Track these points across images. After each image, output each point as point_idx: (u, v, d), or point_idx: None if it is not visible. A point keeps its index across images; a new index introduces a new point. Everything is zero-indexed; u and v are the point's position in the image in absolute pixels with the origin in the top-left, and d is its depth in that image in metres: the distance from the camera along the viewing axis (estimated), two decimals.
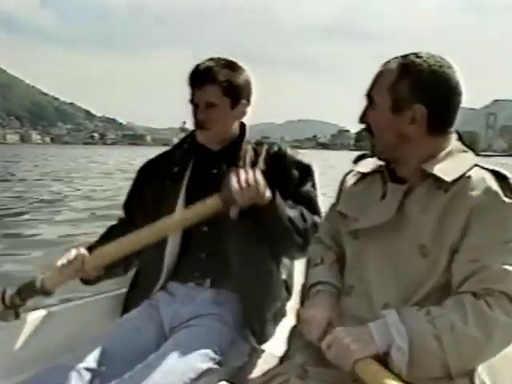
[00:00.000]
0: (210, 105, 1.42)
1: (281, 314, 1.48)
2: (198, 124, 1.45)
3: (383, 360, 0.95)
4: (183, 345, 1.22)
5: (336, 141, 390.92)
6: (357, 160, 1.30)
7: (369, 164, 1.22)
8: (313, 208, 1.43)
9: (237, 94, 1.44)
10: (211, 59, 1.44)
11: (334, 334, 1.01)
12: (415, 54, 1.06)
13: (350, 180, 1.25)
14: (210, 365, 1.22)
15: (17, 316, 1.33)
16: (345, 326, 1.07)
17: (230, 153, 1.47)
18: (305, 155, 1.52)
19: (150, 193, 1.51)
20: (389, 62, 1.08)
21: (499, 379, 1.12)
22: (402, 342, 0.94)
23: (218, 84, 1.40)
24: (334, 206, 1.31)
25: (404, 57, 1.07)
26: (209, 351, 1.23)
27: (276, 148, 1.49)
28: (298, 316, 1.17)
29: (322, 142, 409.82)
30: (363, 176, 1.22)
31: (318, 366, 1.04)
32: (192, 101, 1.44)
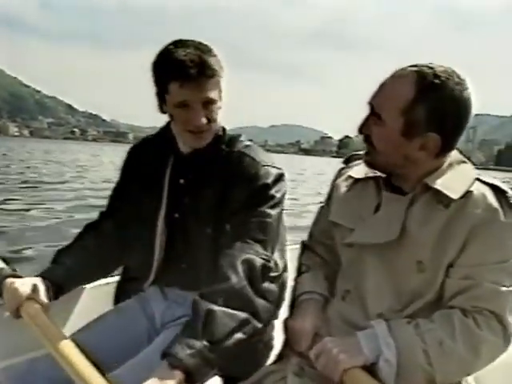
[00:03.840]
0: (210, 102, 1.19)
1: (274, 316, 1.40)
2: (197, 127, 1.20)
3: (371, 370, 0.96)
4: None
5: (318, 147, 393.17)
6: (347, 160, 1.26)
7: (361, 168, 1.16)
8: (261, 241, 1.16)
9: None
10: (189, 44, 1.17)
11: (322, 344, 1.01)
12: (432, 69, 0.97)
13: (342, 185, 1.20)
14: None
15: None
16: (336, 331, 1.08)
17: (197, 160, 1.29)
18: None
19: (134, 191, 1.38)
20: (401, 75, 0.99)
21: None
22: (390, 354, 0.95)
23: (216, 76, 1.18)
24: (323, 209, 1.27)
25: (420, 73, 0.96)
26: None
27: (239, 156, 1.25)
28: (286, 327, 1.16)
29: (305, 147, 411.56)
30: (355, 181, 1.17)
31: (313, 367, 1.04)
32: (178, 100, 1.17)
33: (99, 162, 30.58)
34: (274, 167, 1.24)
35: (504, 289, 0.97)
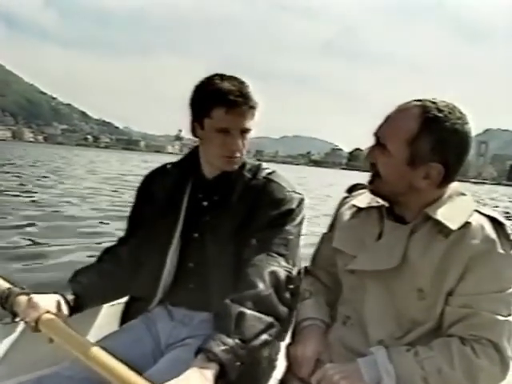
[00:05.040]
0: (247, 131, 1.32)
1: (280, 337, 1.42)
2: (234, 152, 1.31)
3: None
4: (179, 363, 1.18)
5: (328, 159, 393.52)
6: (350, 190, 1.30)
7: (365, 198, 1.21)
8: (284, 255, 1.25)
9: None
10: (232, 78, 1.30)
11: (323, 371, 1.04)
12: (434, 104, 1.03)
13: (346, 214, 1.24)
14: None
15: (13, 318, 1.29)
16: (337, 357, 1.10)
17: (223, 184, 1.38)
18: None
19: (149, 215, 1.45)
20: (406, 108, 1.04)
21: None
22: (390, 381, 0.97)
23: (255, 109, 1.31)
24: (326, 235, 1.31)
25: (424, 108, 1.02)
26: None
27: (266, 182, 1.36)
28: (288, 352, 1.19)
29: (315, 159, 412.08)
30: (358, 209, 1.21)
31: None
32: (221, 126, 1.27)
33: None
34: (296, 193, 1.36)
35: (501, 318, 0.99)
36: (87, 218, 8.53)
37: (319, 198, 16.54)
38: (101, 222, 8.06)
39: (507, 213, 17.10)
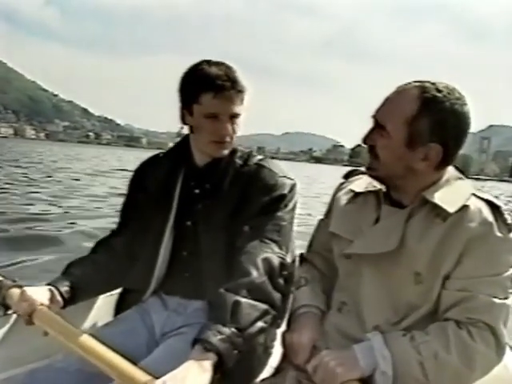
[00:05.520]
0: (236, 116, 1.31)
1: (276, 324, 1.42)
2: (223, 137, 1.31)
3: (368, 383, 0.98)
4: (174, 353, 1.21)
5: (330, 155, 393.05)
6: (347, 175, 1.29)
7: (362, 182, 1.20)
8: (277, 241, 1.24)
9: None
10: (219, 63, 1.30)
11: (319, 358, 1.03)
12: (434, 85, 1.02)
13: (342, 198, 1.23)
14: None
15: (5, 310, 1.29)
16: (333, 343, 1.09)
17: (214, 171, 1.37)
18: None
19: (142, 205, 1.44)
20: (405, 89, 1.04)
21: None
22: (387, 366, 0.97)
23: (243, 93, 1.30)
24: (323, 221, 1.30)
25: (423, 88, 1.02)
26: None
27: (257, 168, 1.36)
28: (284, 340, 1.18)
29: (317, 155, 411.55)
30: (355, 194, 1.20)
31: (311, 381, 1.05)
32: (209, 111, 1.27)
33: None
34: (288, 178, 1.35)
35: (498, 301, 0.99)
36: None
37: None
38: None
39: None
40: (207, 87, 1.25)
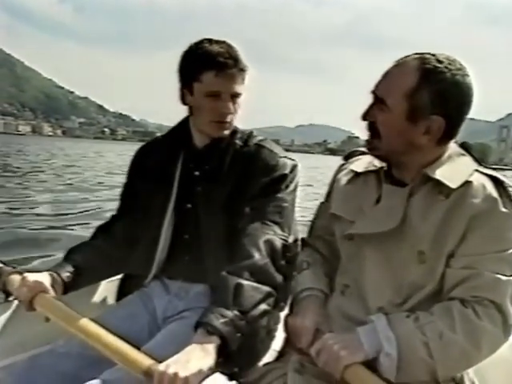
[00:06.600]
0: (237, 95, 1.28)
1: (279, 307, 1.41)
2: (224, 116, 1.28)
3: (372, 365, 0.96)
4: (176, 337, 1.19)
5: (345, 147, 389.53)
6: (348, 156, 1.27)
7: (362, 163, 1.18)
8: (279, 223, 1.23)
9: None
10: (221, 41, 1.27)
11: (322, 341, 1.01)
12: (434, 56, 0.99)
13: (343, 179, 1.21)
14: None
15: (6, 297, 1.29)
16: (336, 326, 1.08)
17: (214, 152, 1.35)
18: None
19: (142, 189, 1.42)
20: (405, 61, 1.01)
21: (489, 381, 1.13)
22: (391, 348, 0.95)
23: (245, 72, 1.28)
24: (324, 205, 1.28)
25: (423, 59, 0.99)
26: None
27: (257, 148, 1.33)
28: (286, 324, 1.16)
29: (331, 147, 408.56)
30: (356, 174, 1.18)
31: (314, 364, 1.04)
32: (211, 90, 1.24)
33: None
34: (289, 159, 1.33)
35: (504, 278, 0.96)
36: None
37: None
38: None
39: None
40: (209, 65, 1.22)
